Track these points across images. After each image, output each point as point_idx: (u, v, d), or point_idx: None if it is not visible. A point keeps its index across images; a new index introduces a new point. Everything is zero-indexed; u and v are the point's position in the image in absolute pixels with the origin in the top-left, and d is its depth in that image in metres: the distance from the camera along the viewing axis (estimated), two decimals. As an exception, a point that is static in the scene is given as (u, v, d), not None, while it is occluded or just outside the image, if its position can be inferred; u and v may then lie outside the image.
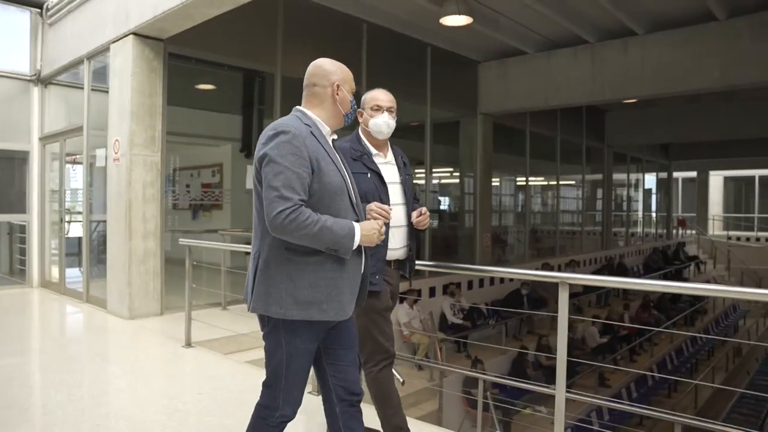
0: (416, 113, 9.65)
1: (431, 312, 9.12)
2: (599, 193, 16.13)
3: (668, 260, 17.78)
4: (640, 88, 8.73)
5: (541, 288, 11.52)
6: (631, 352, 11.72)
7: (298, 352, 2.04)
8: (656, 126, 15.22)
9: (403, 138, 10.64)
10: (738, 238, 21.64)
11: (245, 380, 3.92)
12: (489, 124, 10.73)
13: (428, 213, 2.70)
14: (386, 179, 2.63)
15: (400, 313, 8.66)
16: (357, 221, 2.05)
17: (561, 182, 14.35)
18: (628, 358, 11.53)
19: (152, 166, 5.84)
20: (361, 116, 2.77)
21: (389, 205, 2.53)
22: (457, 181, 11.45)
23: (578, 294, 12.36)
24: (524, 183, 13.07)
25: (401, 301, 8.81)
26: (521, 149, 12.55)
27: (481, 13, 7.93)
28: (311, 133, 2.03)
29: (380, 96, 2.76)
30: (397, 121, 2.77)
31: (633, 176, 18.18)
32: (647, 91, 8.81)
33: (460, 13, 7.18)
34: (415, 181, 10.93)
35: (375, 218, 2.25)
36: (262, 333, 2.11)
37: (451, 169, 11.57)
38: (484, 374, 7.54)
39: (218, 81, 7.54)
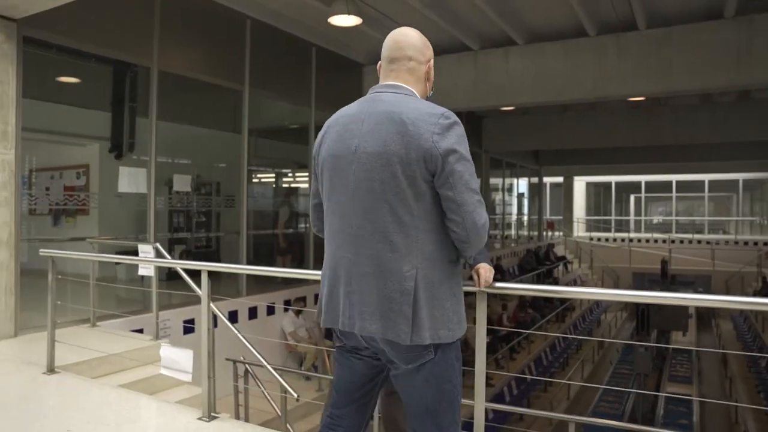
0: (300, 115, 9.39)
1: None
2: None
3: (540, 261, 18.84)
4: (521, 95, 9.10)
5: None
6: (511, 351, 12.21)
7: (461, 371, 1.88)
8: (529, 133, 16.04)
9: (284, 141, 10.36)
10: (599, 239, 23.46)
11: (122, 408, 3.47)
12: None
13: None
14: None
15: (286, 323, 8.36)
16: None
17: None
18: (508, 357, 12.02)
19: (4, 165, 5.10)
20: None
21: None
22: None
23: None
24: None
25: (285, 310, 8.51)
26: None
27: (369, 14, 7.85)
28: None
29: None
30: (280, 124, 2.59)
31: (507, 181, 19.06)
32: (527, 99, 9.20)
33: (349, 13, 7.03)
34: (297, 186, 10.67)
35: None
36: (408, 366, 1.78)
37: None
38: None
39: (84, 73, 6.81)
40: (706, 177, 23.09)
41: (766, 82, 7.67)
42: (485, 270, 2.14)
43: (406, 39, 1.92)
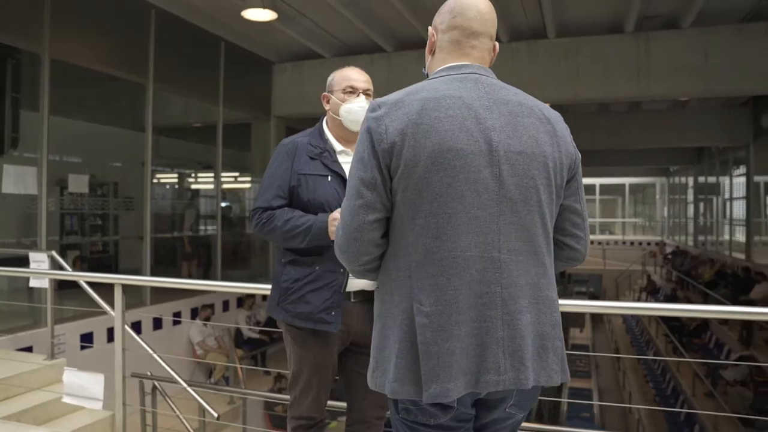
0: (208, 113, 8.91)
1: (230, 329, 8.45)
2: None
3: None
4: (435, 99, 9.12)
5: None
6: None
7: None
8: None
9: (189, 140, 9.79)
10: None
11: (15, 445, 3.02)
12: (282, 127, 10.36)
13: None
14: None
15: (193, 332, 7.88)
16: None
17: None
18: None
19: None
20: (327, 102, 2.24)
21: None
22: (249, 186, 10.90)
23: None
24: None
25: (193, 318, 8.03)
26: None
27: (283, 10, 7.55)
28: None
29: (354, 75, 2.25)
30: (184, 122, 2.26)
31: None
32: (442, 103, 9.23)
33: (264, 7, 6.72)
34: (202, 187, 10.14)
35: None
36: (524, 413, 1.45)
37: (237, 174, 10.95)
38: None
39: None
40: (597, 181, 24.58)
41: (660, 95, 8.18)
42: None
43: (491, 11, 1.48)
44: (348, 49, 9.42)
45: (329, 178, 2.11)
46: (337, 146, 2.20)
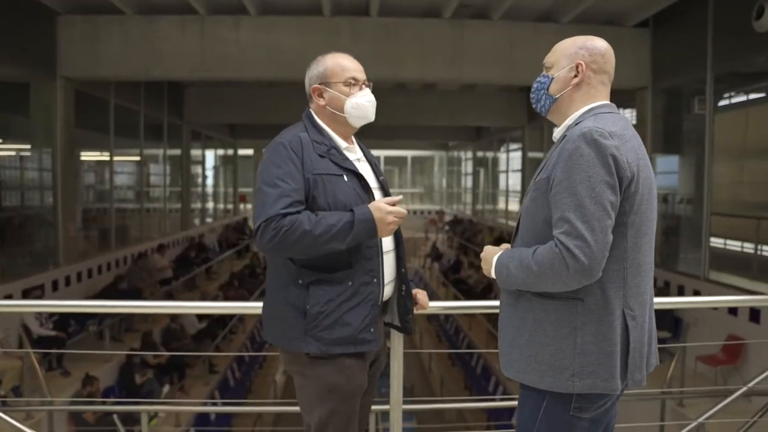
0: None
1: (24, 326, 7.16)
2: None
3: (242, 234, 18.70)
4: (252, 69, 8.63)
5: (138, 279, 10.48)
6: (230, 332, 11.83)
7: None
8: (229, 106, 15.44)
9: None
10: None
11: None
12: (71, 91, 8.91)
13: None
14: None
15: (-31, 336, 6.53)
16: None
17: (144, 158, 13.25)
18: (228, 339, 11.62)
19: None
20: (321, 96, 1.89)
21: None
22: (27, 154, 9.27)
23: (168, 281, 11.70)
24: (108, 159, 11.53)
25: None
26: (104, 123, 10.96)
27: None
28: None
29: (351, 64, 1.94)
30: None
31: (199, 152, 18.24)
32: (259, 74, 8.81)
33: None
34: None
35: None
36: None
37: (13, 143, 9.25)
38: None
39: None
40: (382, 153, 25.84)
41: (472, 79, 8.83)
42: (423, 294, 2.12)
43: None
44: (152, 7, 8.42)
45: (345, 177, 1.82)
46: (341, 142, 1.92)
